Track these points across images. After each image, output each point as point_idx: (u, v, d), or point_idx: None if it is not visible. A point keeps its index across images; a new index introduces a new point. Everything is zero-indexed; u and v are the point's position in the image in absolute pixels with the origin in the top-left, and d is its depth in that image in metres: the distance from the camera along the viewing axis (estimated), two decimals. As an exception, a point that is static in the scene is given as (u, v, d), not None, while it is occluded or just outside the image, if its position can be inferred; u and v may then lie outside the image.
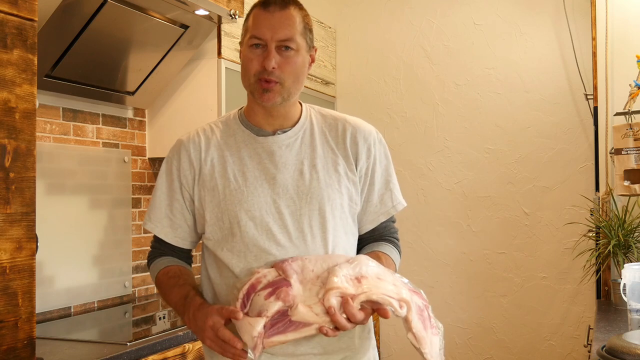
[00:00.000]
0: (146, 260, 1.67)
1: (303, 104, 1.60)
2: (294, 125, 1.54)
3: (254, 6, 1.50)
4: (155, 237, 1.61)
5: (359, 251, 1.59)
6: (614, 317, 2.45)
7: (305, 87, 3.45)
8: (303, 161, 1.51)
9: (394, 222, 1.64)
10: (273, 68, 1.44)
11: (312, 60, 1.55)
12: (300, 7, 1.51)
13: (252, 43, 1.46)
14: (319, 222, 1.47)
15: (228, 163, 1.51)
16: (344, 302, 1.31)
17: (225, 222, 1.48)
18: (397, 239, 1.63)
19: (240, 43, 1.54)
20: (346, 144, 1.54)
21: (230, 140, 1.54)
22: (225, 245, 1.49)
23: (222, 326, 1.36)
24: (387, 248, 1.58)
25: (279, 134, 1.53)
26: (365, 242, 1.60)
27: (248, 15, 1.51)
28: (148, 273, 2.87)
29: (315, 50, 1.57)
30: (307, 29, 1.51)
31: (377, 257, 1.52)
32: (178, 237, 1.57)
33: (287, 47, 1.46)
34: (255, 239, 1.46)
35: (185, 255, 1.63)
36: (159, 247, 1.61)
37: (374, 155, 1.56)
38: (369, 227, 1.58)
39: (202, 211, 1.52)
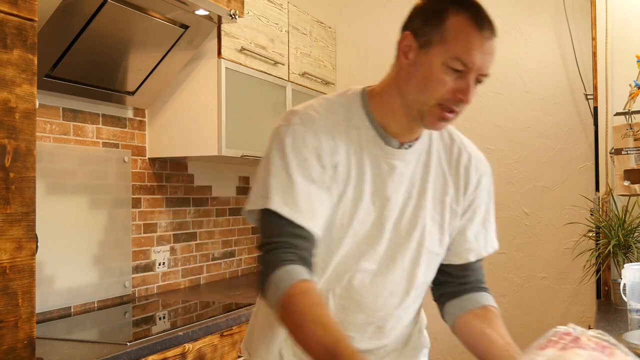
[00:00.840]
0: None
1: None
2: (418, 138, 1.35)
3: (459, 13, 1.23)
4: (279, 226, 1.24)
5: (448, 295, 1.42)
6: (614, 317, 2.45)
7: (305, 87, 3.47)
8: (414, 183, 1.34)
9: (482, 268, 1.46)
10: (468, 101, 1.25)
11: None
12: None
13: (454, 67, 1.22)
14: (412, 256, 1.34)
15: (352, 164, 1.29)
16: None
17: (327, 233, 1.29)
18: (487, 289, 1.44)
19: (428, 43, 1.24)
20: (459, 170, 1.38)
21: (353, 133, 1.30)
22: (319, 256, 1.30)
23: None
24: (488, 298, 1.42)
25: (405, 147, 1.33)
26: (444, 288, 1.42)
27: (448, 19, 1.22)
28: (148, 273, 2.88)
29: None
30: None
31: (494, 314, 1.40)
32: (317, 224, 1.25)
33: (481, 82, 1.26)
34: (347, 254, 1.31)
35: (314, 252, 1.29)
36: (288, 240, 1.23)
37: (481, 189, 1.41)
38: (454, 260, 1.41)
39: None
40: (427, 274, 1.38)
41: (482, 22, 1.24)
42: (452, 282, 1.43)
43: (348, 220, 1.29)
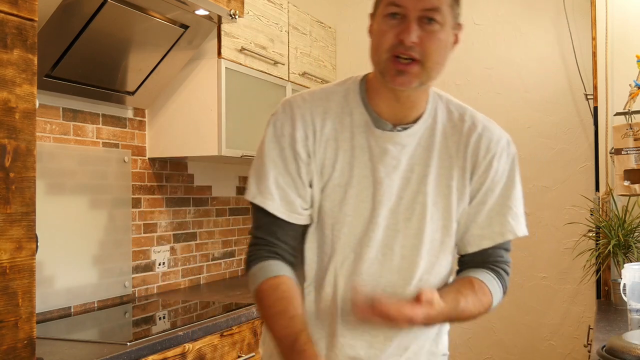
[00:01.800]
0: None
1: (431, 91, 1.34)
2: (417, 119, 1.30)
3: None
4: (259, 218, 1.32)
5: (460, 269, 1.39)
6: (614, 317, 2.45)
7: (305, 87, 3.47)
8: (414, 168, 1.29)
9: (506, 250, 1.37)
10: (413, 42, 1.18)
11: (456, 41, 1.29)
12: None
13: (389, 12, 1.20)
14: (412, 243, 1.29)
15: (340, 150, 1.29)
16: None
17: (320, 221, 1.31)
18: (504, 270, 1.36)
19: (371, 15, 1.28)
20: (467, 151, 1.31)
21: (347, 120, 1.30)
22: (313, 236, 1.32)
23: None
24: (484, 275, 1.33)
25: (398, 129, 1.29)
26: (466, 265, 1.38)
27: None
28: (148, 273, 2.88)
29: (461, 28, 1.30)
30: (456, 1, 1.26)
31: (469, 283, 1.31)
32: (295, 213, 1.30)
33: (432, 20, 1.20)
34: (344, 244, 1.29)
35: (295, 245, 1.33)
36: (265, 237, 1.31)
37: (495, 170, 1.31)
38: (469, 249, 1.35)
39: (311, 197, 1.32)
40: (431, 263, 1.31)
41: None
42: (469, 265, 1.37)
43: (338, 206, 1.29)
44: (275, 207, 1.29)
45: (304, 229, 1.34)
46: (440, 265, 1.33)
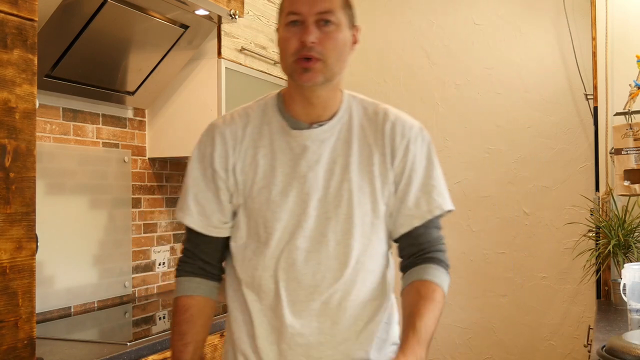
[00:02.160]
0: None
1: (345, 92, 1.48)
2: (332, 117, 1.43)
3: None
4: (187, 231, 1.49)
5: (403, 270, 1.46)
6: (614, 317, 2.45)
7: (305, 87, 3.46)
8: (336, 159, 1.41)
9: (437, 228, 1.47)
10: (313, 43, 1.33)
11: (355, 41, 1.43)
12: None
13: (289, 20, 1.36)
14: (344, 228, 1.38)
15: (260, 155, 1.42)
16: None
17: (252, 222, 1.41)
18: (441, 250, 1.46)
19: (277, 30, 1.42)
20: (384, 139, 1.43)
21: (265, 129, 1.44)
22: (250, 245, 1.42)
23: None
24: (429, 271, 1.42)
25: (314, 127, 1.42)
26: (406, 256, 1.46)
27: None
28: (148, 273, 2.88)
29: (358, 30, 1.44)
30: (348, 4, 1.40)
31: (416, 293, 1.39)
32: (211, 226, 1.44)
33: (327, 22, 1.35)
34: (278, 239, 1.38)
35: (217, 256, 1.48)
36: (190, 249, 1.48)
37: (413, 153, 1.43)
38: (401, 230, 1.44)
39: (236, 205, 1.44)
40: (364, 245, 1.40)
41: None
42: (406, 254, 1.46)
43: (266, 205, 1.39)
44: (193, 221, 1.45)
45: (227, 240, 1.47)
46: (373, 247, 1.42)
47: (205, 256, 1.47)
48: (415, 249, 1.45)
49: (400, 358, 1.27)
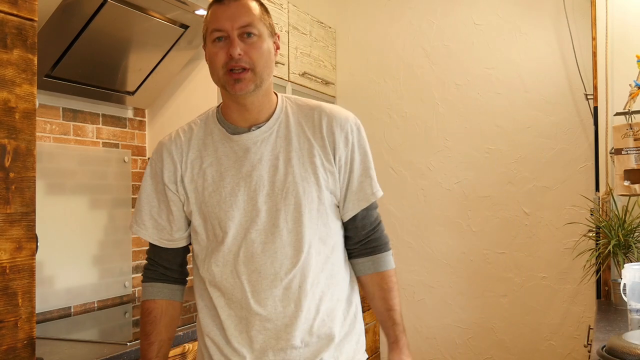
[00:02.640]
0: (145, 261, 1.68)
1: (279, 95, 1.60)
2: (268, 119, 1.54)
3: (210, 5, 1.52)
4: (149, 243, 1.63)
5: (353, 256, 1.62)
6: (614, 317, 2.45)
7: (305, 87, 3.47)
8: (278, 156, 1.52)
9: (374, 208, 1.63)
10: (240, 55, 1.45)
11: (277, 47, 1.55)
12: None
13: (215, 37, 1.48)
14: (294, 217, 1.49)
15: (206, 164, 1.53)
16: None
17: (208, 224, 1.52)
18: (380, 230, 1.63)
19: (204, 46, 1.54)
20: (323, 133, 1.54)
21: (208, 139, 1.56)
22: (210, 246, 1.53)
23: None
24: (378, 261, 1.61)
25: (253, 130, 1.53)
26: (351, 240, 1.61)
27: (206, 16, 1.53)
28: (148, 273, 2.88)
29: (278, 37, 1.56)
30: (265, 15, 1.52)
31: (379, 289, 1.60)
32: (164, 239, 1.59)
33: (250, 34, 1.47)
34: (234, 236, 1.49)
35: (177, 262, 1.63)
36: (152, 258, 1.63)
37: (352, 143, 1.56)
38: (350, 214, 1.58)
39: (189, 213, 1.55)
40: (314, 230, 1.51)
41: None
42: (353, 239, 1.60)
43: (218, 207, 1.50)
44: (148, 235, 1.60)
45: (186, 249, 1.63)
46: (323, 232, 1.53)
47: (165, 263, 1.61)
48: (361, 234, 1.60)
49: (404, 354, 1.51)
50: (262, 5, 1.53)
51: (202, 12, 2.56)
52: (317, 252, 1.52)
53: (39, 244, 1.57)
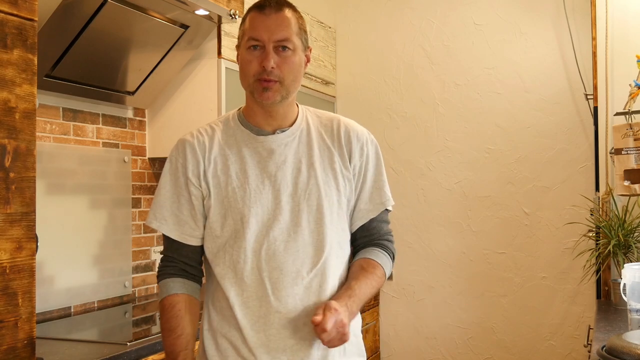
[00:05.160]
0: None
1: (299, 106, 1.65)
2: (291, 125, 1.59)
3: (250, 10, 1.55)
4: (164, 239, 1.61)
5: (353, 257, 1.63)
6: (614, 317, 2.45)
7: (305, 87, 3.47)
8: (301, 159, 1.56)
9: (387, 222, 1.66)
10: (272, 68, 1.49)
11: (308, 60, 1.60)
12: (294, 9, 1.56)
13: (250, 45, 1.51)
14: (316, 217, 1.52)
15: (230, 161, 1.55)
16: None
17: (229, 219, 1.52)
18: (390, 241, 1.65)
19: (237, 46, 1.57)
20: (341, 141, 1.60)
21: (231, 139, 1.58)
22: (228, 243, 1.52)
23: None
24: (374, 253, 1.61)
25: (278, 133, 1.57)
26: (359, 245, 1.64)
27: (244, 18, 1.56)
28: (148, 273, 2.88)
29: (310, 50, 1.61)
30: (302, 29, 1.56)
31: (359, 266, 1.57)
32: (185, 234, 1.57)
33: (285, 47, 1.51)
34: (257, 233, 1.50)
35: (196, 259, 1.61)
36: (170, 255, 1.60)
37: (366, 154, 1.61)
38: (359, 223, 1.62)
39: (208, 208, 1.55)
40: (334, 232, 1.54)
41: (263, 4, 1.52)
42: (359, 244, 1.63)
43: (241, 202, 1.52)
44: (169, 230, 1.57)
45: (202, 247, 1.59)
46: (341, 234, 1.57)
47: (185, 259, 1.59)
48: (367, 239, 1.63)
49: (333, 303, 1.42)
50: (300, 17, 1.56)
51: (202, 12, 2.56)
52: (336, 255, 1.55)
53: (39, 244, 1.57)
